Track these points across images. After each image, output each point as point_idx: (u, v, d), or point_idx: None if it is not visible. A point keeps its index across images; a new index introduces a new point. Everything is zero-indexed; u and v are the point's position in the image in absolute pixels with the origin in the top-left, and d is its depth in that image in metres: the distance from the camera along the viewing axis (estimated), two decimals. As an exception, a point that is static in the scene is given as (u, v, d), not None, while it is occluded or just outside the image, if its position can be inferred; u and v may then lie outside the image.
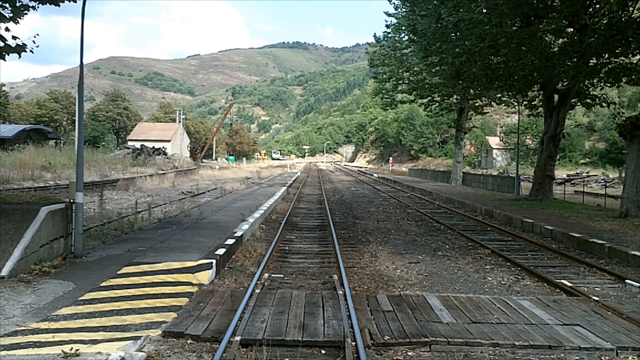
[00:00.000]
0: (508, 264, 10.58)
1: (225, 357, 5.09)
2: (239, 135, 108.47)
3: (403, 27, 35.27)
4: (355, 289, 8.18)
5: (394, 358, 5.41)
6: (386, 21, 37.79)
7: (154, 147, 61.16)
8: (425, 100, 40.14)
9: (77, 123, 10.44)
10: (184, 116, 79.54)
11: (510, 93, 26.72)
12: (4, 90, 66.97)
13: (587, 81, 21.46)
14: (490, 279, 9.30)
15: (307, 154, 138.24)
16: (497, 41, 18.89)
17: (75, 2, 10.22)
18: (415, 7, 25.27)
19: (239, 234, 11.76)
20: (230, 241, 10.74)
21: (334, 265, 10.03)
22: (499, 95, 31.32)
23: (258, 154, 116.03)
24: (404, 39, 36.96)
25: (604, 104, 23.60)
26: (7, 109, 66.59)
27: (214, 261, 8.75)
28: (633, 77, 19.75)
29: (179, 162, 58.62)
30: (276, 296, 7.27)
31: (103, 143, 70.46)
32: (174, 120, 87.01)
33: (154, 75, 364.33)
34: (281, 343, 5.53)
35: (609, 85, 21.59)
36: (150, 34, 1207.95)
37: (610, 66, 19.40)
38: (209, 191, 28.17)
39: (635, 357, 5.46)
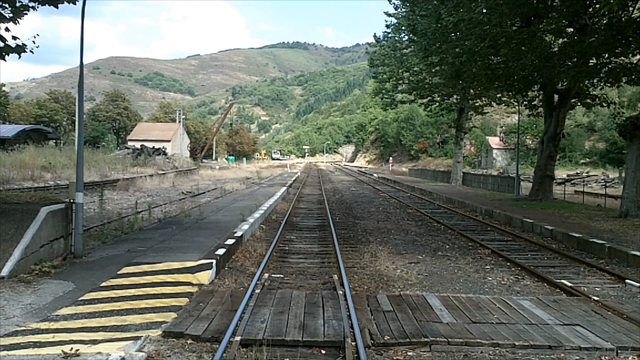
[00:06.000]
0: (508, 264, 10.58)
1: (225, 357, 5.09)
2: (239, 135, 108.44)
3: (403, 27, 35.26)
4: (355, 289, 8.18)
5: (394, 358, 5.41)
6: (386, 21, 37.83)
7: (154, 147, 61.15)
8: (425, 100, 40.15)
9: (77, 123, 10.44)
10: (184, 116, 79.52)
11: (510, 93, 26.71)
12: (4, 90, 67.01)
13: (587, 81, 21.44)
14: (490, 279, 9.30)
15: (307, 154, 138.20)
16: (497, 41, 18.89)
17: (75, 3, 10.23)
18: (415, 7, 25.26)
19: (239, 234, 11.76)
20: (230, 241, 10.74)
21: (334, 265, 10.03)
22: (499, 95, 31.31)
23: (258, 154, 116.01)
24: (404, 39, 36.94)
25: (604, 104, 23.61)
26: (7, 109, 66.63)
27: (214, 261, 8.75)
28: (633, 77, 19.74)
29: (179, 162, 58.60)
30: (276, 296, 7.27)
31: (103, 143, 70.44)
32: (174, 121, 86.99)
33: (154, 75, 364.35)
34: (281, 343, 5.53)
35: (609, 85, 21.58)
36: (150, 34, 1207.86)
37: (610, 66, 19.38)
38: (209, 191, 28.18)
39: (635, 357, 5.46)
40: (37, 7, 10.23)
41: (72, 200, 9.44)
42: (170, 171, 44.03)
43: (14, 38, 9.88)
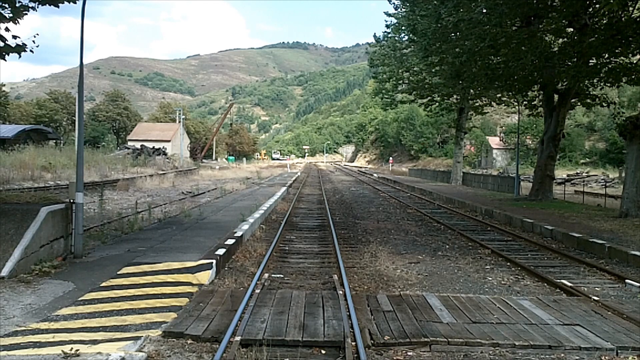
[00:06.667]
0: (508, 263, 10.58)
1: (225, 357, 5.09)
2: (239, 135, 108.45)
3: (403, 27, 35.25)
4: (355, 289, 8.18)
5: (394, 358, 5.41)
6: (386, 21, 37.80)
7: (154, 147, 61.14)
8: (425, 100, 40.14)
9: (77, 123, 10.44)
10: (183, 116, 79.51)
11: (510, 93, 26.71)
12: (4, 91, 66.98)
13: (587, 81, 21.44)
14: (490, 278, 9.30)
15: (307, 154, 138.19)
16: (497, 41, 18.88)
17: (75, 2, 10.24)
18: (415, 7, 25.26)
19: (239, 234, 11.76)
20: (230, 241, 10.74)
21: (334, 265, 10.03)
22: (499, 95, 31.31)
23: (258, 154, 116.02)
24: (404, 39, 36.94)
25: (604, 104, 23.60)
26: (7, 109, 66.61)
27: (214, 261, 8.75)
28: (633, 77, 19.75)
29: (179, 162, 58.60)
30: (276, 296, 7.27)
31: (103, 143, 70.47)
32: (174, 121, 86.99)
33: (154, 75, 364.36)
34: (281, 343, 5.53)
35: (609, 85, 21.58)
36: (150, 34, 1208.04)
37: (610, 66, 19.39)
38: (209, 191, 28.18)
39: (635, 357, 5.46)
40: (37, 7, 10.24)
41: (72, 200, 9.44)
42: (170, 171, 44.03)
43: (14, 38, 9.89)
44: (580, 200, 23.66)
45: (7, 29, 9.85)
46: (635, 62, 19.44)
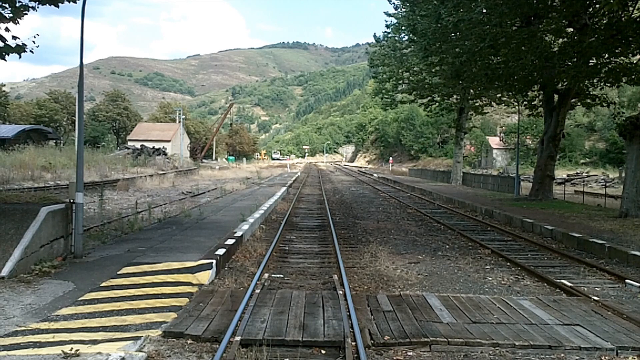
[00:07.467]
0: (508, 263, 10.58)
1: (225, 357, 5.09)
2: (239, 135, 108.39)
3: (403, 27, 35.26)
4: (355, 289, 8.18)
5: (394, 358, 5.40)
6: (386, 21, 37.82)
7: (154, 147, 61.14)
8: (425, 100, 40.16)
9: (77, 123, 10.44)
10: (183, 116, 79.44)
11: (510, 93, 26.72)
12: (4, 91, 66.98)
13: (587, 81, 21.44)
14: (490, 278, 9.30)
15: (307, 154, 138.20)
16: (497, 41, 18.88)
17: (75, 2, 10.25)
18: (415, 7, 25.26)
19: (239, 234, 11.76)
20: (230, 241, 10.74)
21: (334, 265, 10.03)
22: (499, 95, 31.32)
23: (258, 154, 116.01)
24: (404, 39, 36.94)
25: (604, 104, 23.59)
26: (7, 109, 66.61)
27: (214, 261, 8.75)
28: (633, 77, 19.75)
29: (179, 162, 58.58)
30: (276, 296, 7.27)
31: (103, 143, 70.45)
32: (174, 121, 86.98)
33: (154, 75, 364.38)
34: (281, 343, 5.53)
35: (609, 85, 21.57)
36: (150, 34, 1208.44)
37: (610, 66, 19.39)
38: (209, 191, 28.17)
39: (635, 357, 5.46)
40: (37, 7, 10.25)
41: (72, 200, 9.44)
42: (170, 171, 44.03)
43: (14, 38, 9.90)
44: (580, 200, 23.66)
45: (7, 29, 9.86)
46: (635, 62, 19.44)
